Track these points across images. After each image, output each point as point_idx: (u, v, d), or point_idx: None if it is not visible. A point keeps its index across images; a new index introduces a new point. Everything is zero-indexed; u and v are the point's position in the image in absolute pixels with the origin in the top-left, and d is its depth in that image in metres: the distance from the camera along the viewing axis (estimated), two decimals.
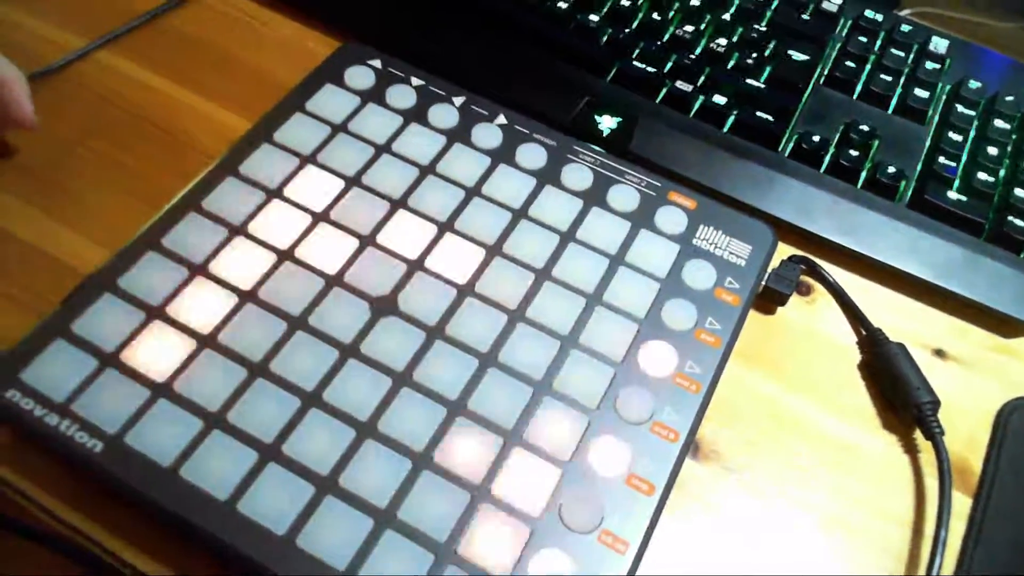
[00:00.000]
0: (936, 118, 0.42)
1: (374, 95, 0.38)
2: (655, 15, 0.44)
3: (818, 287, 0.37)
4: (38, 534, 0.30)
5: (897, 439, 0.33)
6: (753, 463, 0.32)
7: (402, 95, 0.38)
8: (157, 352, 0.29)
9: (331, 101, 0.37)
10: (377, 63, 0.39)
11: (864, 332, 0.36)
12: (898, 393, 0.33)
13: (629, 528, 0.28)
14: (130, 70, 0.41)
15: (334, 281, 0.32)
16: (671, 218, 0.36)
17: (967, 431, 0.33)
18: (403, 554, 0.26)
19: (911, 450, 0.33)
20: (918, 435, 0.33)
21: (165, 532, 0.27)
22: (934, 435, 0.31)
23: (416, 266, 0.33)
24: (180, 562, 0.27)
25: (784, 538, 0.30)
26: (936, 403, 0.32)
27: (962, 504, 0.31)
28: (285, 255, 0.32)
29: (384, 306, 0.32)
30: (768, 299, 0.36)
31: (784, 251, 0.37)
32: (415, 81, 0.39)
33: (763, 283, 0.35)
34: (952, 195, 0.38)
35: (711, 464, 0.32)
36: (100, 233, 0.35)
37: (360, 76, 0.38)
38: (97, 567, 0.28)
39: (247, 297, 0.31)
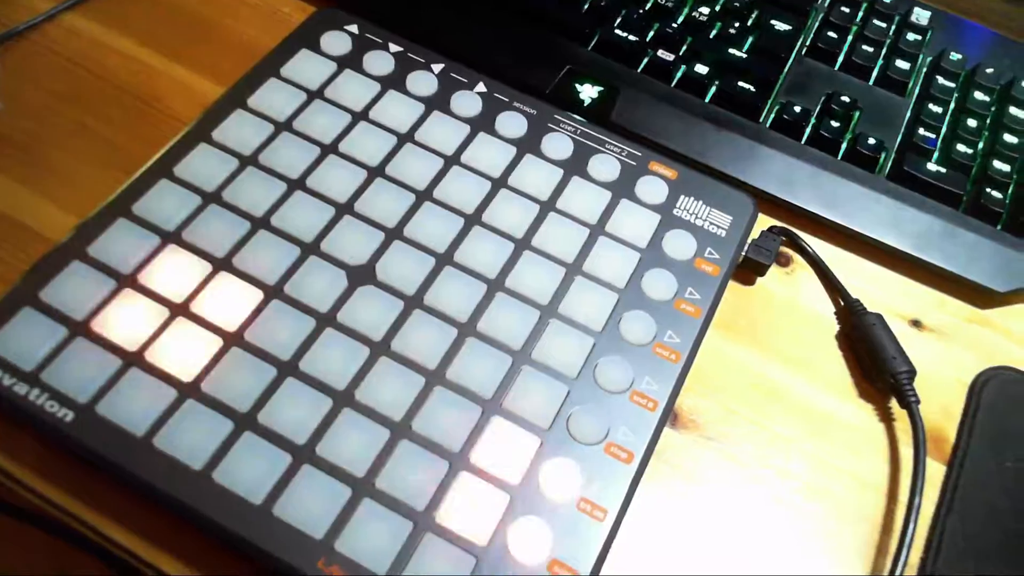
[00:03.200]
0: (917, 90, 0.42)
1: (351, 61, 0.37)
2: None
3: (797, 258, 0.37)
4: (11, 508, 0.30)
5: (874, 408, 0.33)
6: (733, 433, 0.32)
7: (380, 61, 0.37)
8: (128, 321, 0.29)
9: (307, 67, 0.37)
10: (354, 28, 0.38)
11: (842, 303, 0.36)
12: (875, 363, 0.33)
13: (608, 495, 0.28)
14: (100, 34, 0.39)
15: (310, 250, 0.31)
16: (652, 188, 0.35)
17: (942, 400, 0.34)
18: (380, 522, 0.26)
19: (887, 419, 0.33)
20: (894, 404, 0.33)
21: (139, 503, 0.27)
22: (909, 404, 0.32)
23: (394, 235, 0.32)
24: (155, 532, 0.27)
25: (765, 507, 0.30)
26: (912, 372, 0.33)
27: (936, 471, 0.32)
28: (260, 222, 0.32)
29: (361, 275, 0.31)
30: (748, 269, 0.36)
31: (764, 223, 0.37)
32: (393, 48, 0.38)
33: (743, 254, 0.35)
34: (931, 167, 0.38)
35: (690, 433, 0.32)
36: (70, 200, 0.34)
37: (337, 42, 0.38)
38: (72, 539, 0.27)
39: (221, 265, 0.31)
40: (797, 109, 0.39)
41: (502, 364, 0.30)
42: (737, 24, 0.42)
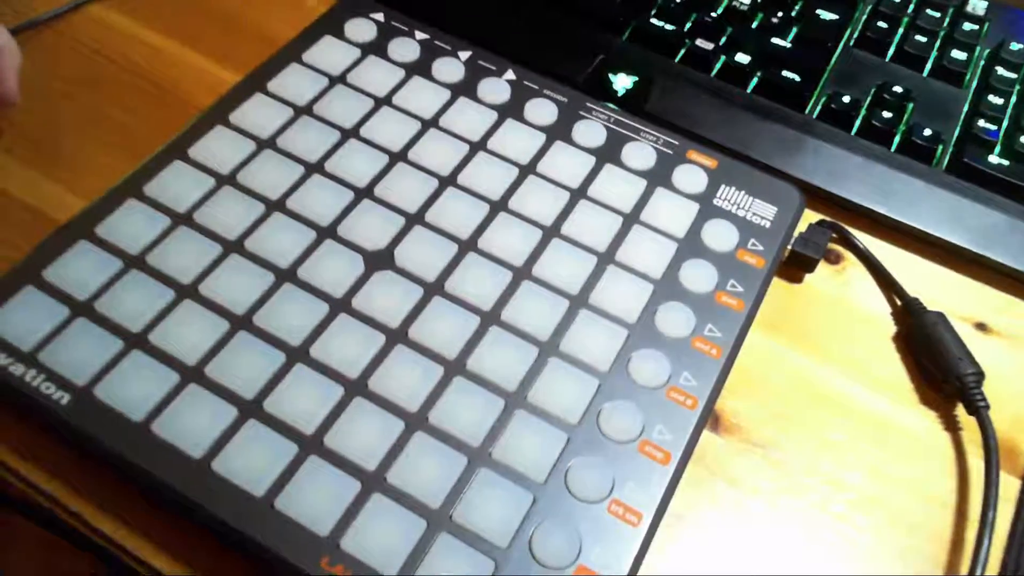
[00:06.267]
0: (975, 81, 0.39)
1: (375, 48, 0.36)
2: None
3: (848, 256, 0.35)
4: (9, 499, 0.28)
5: (937, 415, 0.30)
6: (780, 438, 0.29)
7: (405, 48, 0.36)
8: (133, 301, 0.27)
9: (329, 53, 0.35)
10: (379, 16, 0.37)
11: (899, 302, 0.33)
12: (938, 365, 0.30)
13: (642, 499, 0.25)
14: (123, 25, 0.39)
15: (326, 233, 0.30)
16: (690, 177, 0.33)
17: (1013, 409, 0.31)
18: (391, 519, 0.24)
19: (953, 427, 0.30)
20: (960, 411, 0.30)
21: (134, 495, 0.25)
22: (978, 409, 0.29)
23: (415, 220, 0.31)
24: (149, 525, 0.25)
25: (818, 518, 0.27)
26: (980, 375, 0.30)
27: (1010, 486, 0.29)
28: (275, 205, 0.30)
29: (379, 260, 0.29)
30: (795, 265, 0.33)
31: (810, 218, 0.35)
32: (419, 35, 0.37)
33: (789, 247, 0.33)
34: (994, 159, 0.35)
35: (733, 437, 0.29)
36: (84, 185, 0.33)
37: (361, 28, 0.36)
38: (61, 531, 0.25)
39: (232, 247, 0.29)
40: (846, 99, 0.37)
41: (527, 355, 0.28)
42: (780, 14, 0.40)
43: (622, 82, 0.37)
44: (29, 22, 0.38)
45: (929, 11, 0.41)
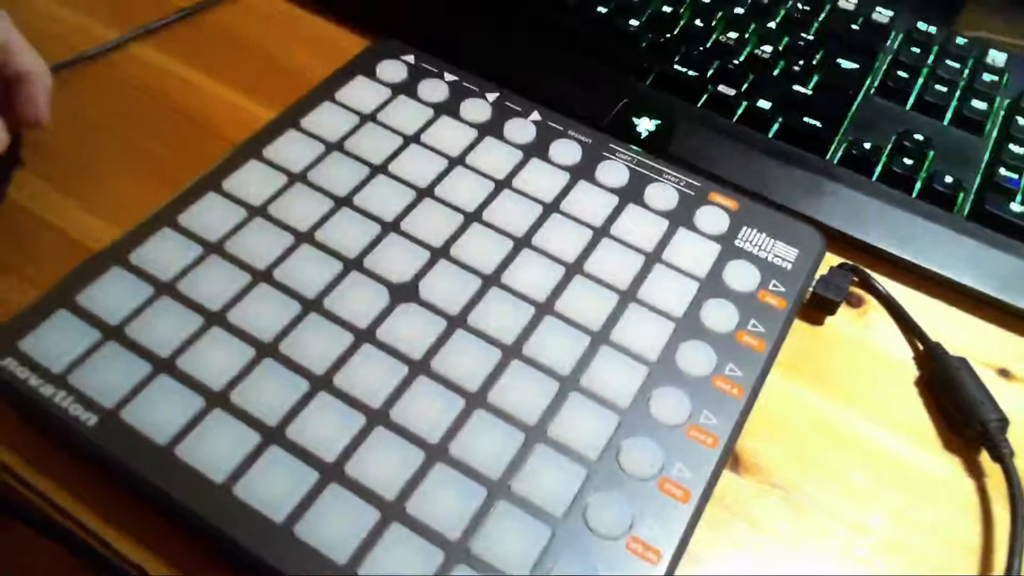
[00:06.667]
0: (995, 131, 0.39)
1: (406, 88, 0.37)
2: (697, 22, 0.42)
3: (869, 299, 0.35)
4: (36, 522, 0.28)
5: (961, 461, 0.30)
6: (801, 480, 0.29)
7: (434, 89, 0.37)
8: (163, 328, 0.28)
9: (361, 92, 0.36)
10: (410, 58, 0.38)
11: (921, 346, 0.33)
12: (961, 410, 0.30)
13: (662, 536, 0.25)
14: (163, 62, 0.40)
15: (353, 265, 0.30)
16: (712, 218, 0.33)
17: None
18: (410, 550, 0.24)
19: (976, 473, 0.30)
20: (983, 457, 0.30)
21: (155, 518, 0.25)
22: (1003, 456, 0.28)
23: (440, 254, 0.31)
24: (169, 549, 0.25)
25: (839, 561, 0.27)
26: (1005, 421, 0.29)
27: None
28: (304, 237, 0.31)
29: (404, 293, 0.30)
30: (816, 308, 0.33)
31: (831, 262, 0.35)
32: (448, 76, 0.38)
33: (811, 290, 0.33)
34: (1016, 207, 0.36)
35: (754, 479, 0.29)
36: (119, 216, 0.34)
37: (392, 70, 0.38)
38: (81, 551, 0.25)
39: (261, 277, 0.30)
40: (867, 145, 0.37)
41: (548, 389, 0.28)
42: (802, 62, 0.41)
43: (645, 125, 0.38)
44: (76, 57, 0.39)
45: (949, 62, 0.41)
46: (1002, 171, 0.37)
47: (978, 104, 0.40)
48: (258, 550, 0.23)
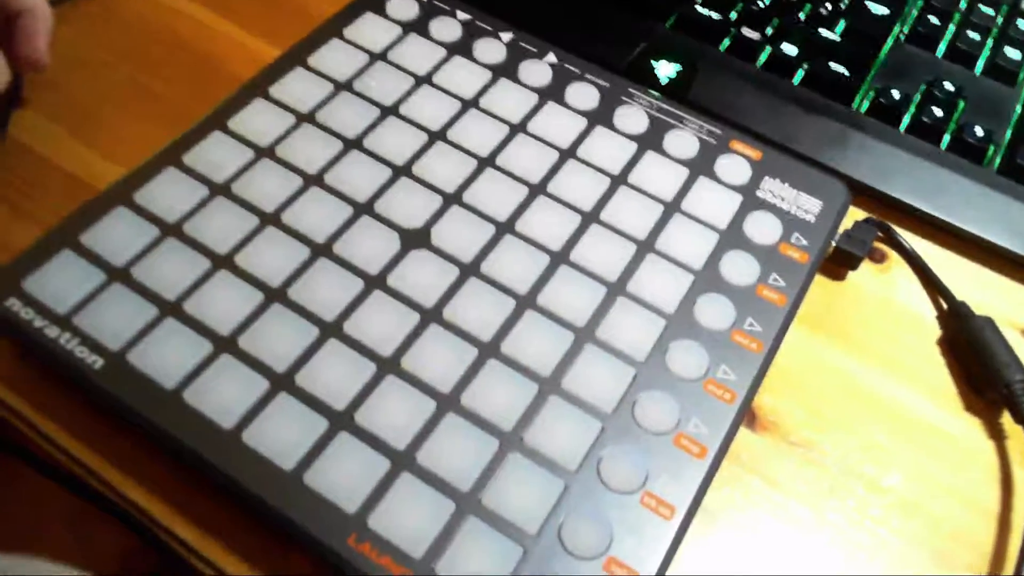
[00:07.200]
0: None
1: (416, 26, 0.35)
2: None
3: (893, 255, 0.34)
4: (32, 459, 0.28)
5: (982, 422, 0.29)
6: (818, 438, 0.28)
7: (446, 28, 0.36)
8: (169, 270, 0.27)
9: (370, 30, 0.35)
10: None
11: (945, 305, 0.32)
12: (985, 371, 0.29)
13: (676, 492, 0.24)
14: None
15: (363, 209, 0.29)
16: (733, 167, 0.32)
17: None
18: (420, 500, 0.23)
19: (998, 435, 0.29)
20: (1006, 419, 0.29)
21: (162, 462, 0.25)
22: None
23: (453, 200, 0.30)
24: (176, 493, 0.25)
25: (855, 520, 0.27)
26: None
27: None
28: (313, 180, 0.30)
29: (416, 239, 0.29)
30: (838, 263, 0.32)
31: (855, 216, 0.34)
32: (461, 15, 0.36)
33: (833, 244, 0.32)
34: None
35: (770, 436, 0.28)
36: (123, 154, 0.33)
37: (403, 6, 0.36)
38: (90, 496, 0.25)
39: (269, 220, 0.29)
40: (896, 95, 0.36)
41: (563, 340, 0.27)
42: (829, 6, 0.39)
43: (665, 70, 0.37)
44: None
45: (983, 7, 0.40)
46: None
47: (1012, 53, 0.38)
48: (267, 497, 0.23)
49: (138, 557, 0.30)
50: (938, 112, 0.36)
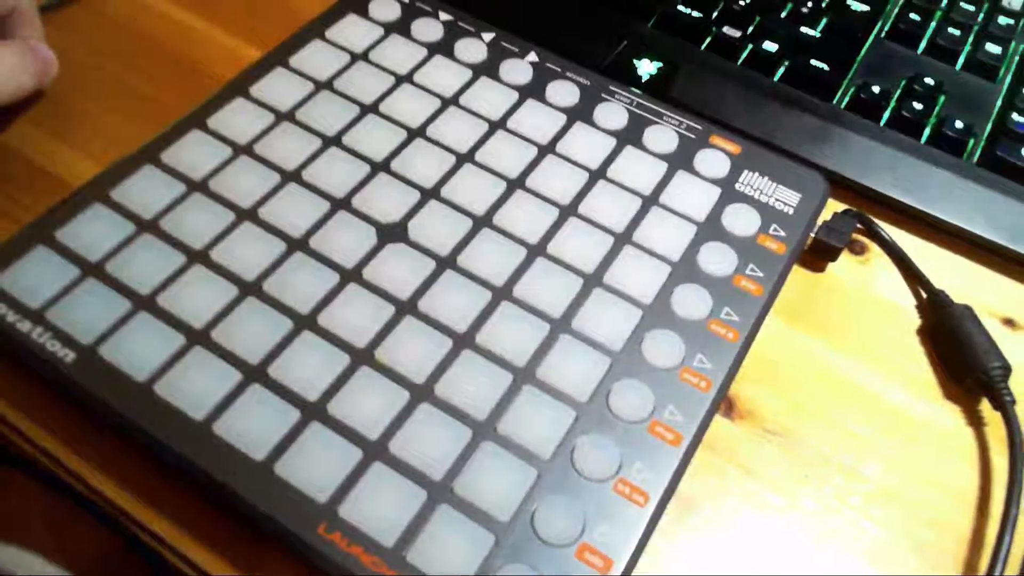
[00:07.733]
0: (1009, 76, 0.38)
1: (398, 27, 0.36)
2: None
3: (873, 247, 0.34)
4: (13, 459, 0.28)
5: (961, 410, 0.29)
6: (797, 427, 0.28)
7: (428, 28, 0.36)
8: (143, 264, 0.27)
9: (353, 30, 0.35)
10: None
11: (925, 295, 0.32)
12: (964, 358, 0.29)
13: (650, 479, 0.24)
14: (152, 1, 0.39)
15: (340, 205, 0.29)
16: (712, 161, 0.32)
17: None
18: (392, 489, 0.23)
19: (976, 422, 0.29)
20: (984, 407, 0.29)
21: (134, 455, 0.25)
22: (1004, 403, 0.28)
23: (431, 195, 0.30)
24: (147, 487, 0.25)
25: (831, 505, 0.27)
26: (1007, 369, 0.28)
27: None
28: (290, 176, 0.30)
29: (393, 233, 0.29)
30: (817, 254, 0.32)
31: (835, 208, 0.34)
32: (443, 16, 0.36)
33: (813, 236, 0.32)
34: None
35: (747, 424, 0.28)
36: (102, 152, 0.33)
37: (385, 8, 0.36)
38: (64, 491, 0.25)
39: (245, 216, 0.29)
40: (876, 90, 0.36)
41: (538, 331, 0.27)
42: (810, 4, 0.39)
43: (646, 68, 0.37)
44: None
45: (963, 4, 0.40)
46: (1015, 116, 0.36)
47: (992, 48, 0.38)
48: (237, 487, 0.23)
49: (121, 561, 0.29)
50: (918, 106, 0.36)
